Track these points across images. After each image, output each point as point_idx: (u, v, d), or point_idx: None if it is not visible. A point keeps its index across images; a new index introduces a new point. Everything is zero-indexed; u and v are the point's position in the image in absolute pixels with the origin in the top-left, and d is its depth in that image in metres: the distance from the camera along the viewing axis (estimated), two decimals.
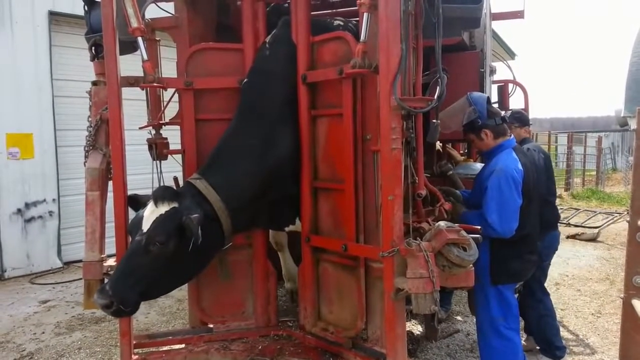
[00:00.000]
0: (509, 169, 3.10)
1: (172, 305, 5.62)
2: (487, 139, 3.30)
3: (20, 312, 5.55)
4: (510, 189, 3.07)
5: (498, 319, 3.22)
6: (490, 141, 3.30)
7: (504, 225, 3.06)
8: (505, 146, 3.26)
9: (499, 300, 3.22)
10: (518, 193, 3.08)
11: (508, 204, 3.06)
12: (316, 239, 3.42)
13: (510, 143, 3.30)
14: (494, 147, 3.29)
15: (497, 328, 3.22)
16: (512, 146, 3.28)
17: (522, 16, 5.50)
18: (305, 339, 3.50)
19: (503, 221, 3.05)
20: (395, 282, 2.69)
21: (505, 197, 3.07)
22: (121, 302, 2.76)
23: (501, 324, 3.21)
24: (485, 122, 3.28)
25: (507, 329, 3.21)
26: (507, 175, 3.08)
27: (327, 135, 3.35)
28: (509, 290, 3.26)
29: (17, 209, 6.99)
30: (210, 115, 3.57)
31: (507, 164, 3.14)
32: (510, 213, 3.07)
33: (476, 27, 3.68)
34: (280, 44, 3.46)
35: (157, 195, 2.92)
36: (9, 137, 6.88)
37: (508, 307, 3.23)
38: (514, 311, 3.27)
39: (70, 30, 7.40)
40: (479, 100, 3.32)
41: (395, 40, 2.66)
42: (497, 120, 3.29)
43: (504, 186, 3.07)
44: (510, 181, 3.07)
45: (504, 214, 3.06)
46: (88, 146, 3.46)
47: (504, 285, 3.23)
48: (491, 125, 3.27)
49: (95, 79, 3.51)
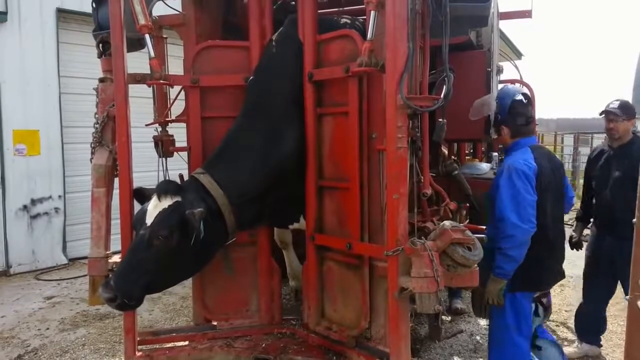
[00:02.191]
0: (519, 163, 3.03)
1: (176, 303, 5.64)
2: (504, 135, 3.27)
3: (25, 308, 5.58)
4: (523, 183, 2.97)
5: (511, 326, 3.13)
6: (507, 138, 3.25)
7: (525, 220, 2.92)
8: (521, 144, 3.19)
9: (514, 308, 3.13)
10: (532, 188, 2.98)
11: (524, 198, 2.95)
12: (321, 237, 3.41)
13: (527, 141, 3.22)
14: (511, 145, 3.25)
15: (509, 335, 3.14)
16: (529, 144, 3.19)
17: (530, 16, 5.47)
18: (309, 338, 3.50)
19: (523, 216, 2.93)
20: (399, 281, 2.68)
21: (519, 191, 2.97)
22: (125, 295, 2.78)
23: (514, 332, 3.13)
24: (504, 119, 3.24)
25: (519, 336, 3.13)
26: (518, 170, 3.01)
27: (332, 134, 3.35)
28: (526, 299, 3.16)
29: (23, 205, 7.02)
30: (217, 113, 3.58)
31: (517, 159, 3.08)
32: (528, 208, 2.95)
33: (484, 25, 3.67)
34: (287, 42, 3.46)
35: (160, 189, 2.94)
36: (15, 134, 6.91)
37: (523, 316, 3.14)
38: (529, 320, 3.17)
39: (78, 28, 7.43)
40: (505, 96, 3.28)
41: (402, 39, 2.65)
42: (519, 120, 3.21)
43: (516, 180, 2.99)
44: (521, 175, 2.99)
45: (522, 209, 2.94)
46: (94, 143, 3.47)
47: (522, 293, 3.12)
48: (511, 123, 3.22)
49: (102, 76, 3.52)
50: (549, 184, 3.09)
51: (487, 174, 4.41)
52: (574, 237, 4.28)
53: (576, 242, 4.29)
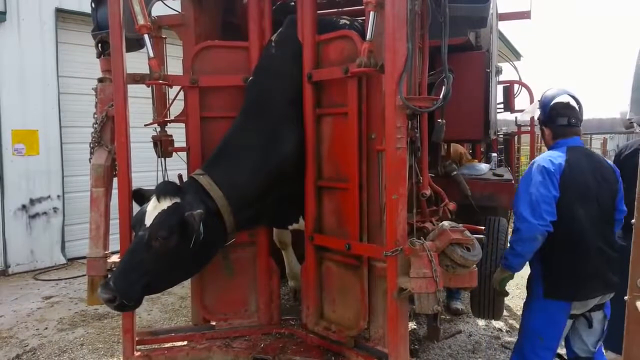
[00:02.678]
0: (542, 159, 2.96)
1: (174, 303, 5.64)
2: (546, 137, 3.20)
3: (23, 307, 5.58)
4: (542, 177, 2.87)
5: (536, 334, 2.99)
6: (549, 139, 3.17)
7: (536, 216, 2.81)
8: (560, 144, 3.08)
9: (543, 315, 2.97)
10: (552, 184, 2.86)
11: (539, 192, 2.85)
12: (320, 237, 3.42)
13: (567, 142, 3.07)
14: (551, 146, 3.15)
15: (533, 343, 3.00)
16: (568, 145, 3.05)
17: (529, 17, 5.50)
18: (308, 338, 3.50)
19: (535, 211, 2.82)
20: (398, 282, 2.68)
21: (535, 184, 2.87)
22: (124, 296, 2.78)
23: (537, 340, 2.98)
24: (544, 120, 3.17)
25: (542, 347, 2.97)
26: (539, 165, 2.93)
27: (331, 134, 3.35)
28: (560, 310, 2.93)
29: (21, 205, 7.02)
30: (216, 113, 3.58)
31: (543, 157, 3.00)
32: (542, 203, 2.83)
33: (483, 26, 3.68)
34: (286, 43, 3.46)
35: (159, 190, 2.94)
36: (14, 134, 6.91)
37: (552, 327, 2.95)
38: (558, 332, 2.95)
39: (77, 28, 7.43)
40: (548, 97, 3.18)
41: (401, 40, 2.65)
42: (559, 121, 3.09)
43: (535, 174, 2.91)
44: (542, 170, 2.90)
45: (535, 204, 2.83)
46: (93, 143, 3.46)
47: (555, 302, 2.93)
48: (550, 124, 3.14)
49: (101, 76, 3.52)
50: (581, 183, 2.92)
51: (486, 174, 4.42)
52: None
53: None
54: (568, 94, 3.16)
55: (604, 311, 3.02)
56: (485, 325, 4.91)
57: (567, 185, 2.89)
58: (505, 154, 6.73)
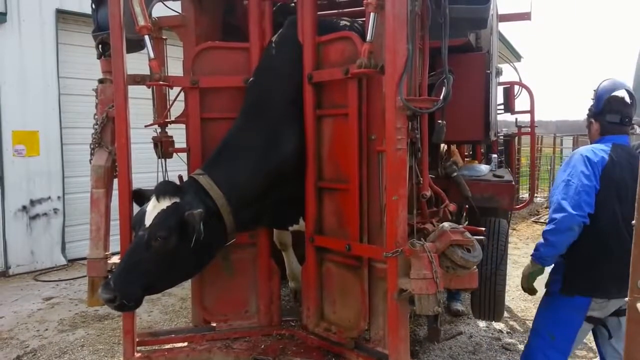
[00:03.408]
0: (586, 149, 2.86)
1: (175, 304, 5.63)
2: (592, 130, 3.04)
3: (24, 308, 5.58)
4: (585, 167, 2.77)
5: (547, 331, 2.92)
6: (595, 133, 3.02)
7: (574, 205, 2.70)
8: (605, 140, 2.95)
9: (559, 313, 2.89)
10: (594, 175, 2.76)
11: (580, 181, 2.74)
12: (320, 238, 3.41)
13: (613, 139, 2.93)
14: (596, 140, 3.01)
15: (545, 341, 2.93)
16: (613, 142, 2.92)
17: (529, 18, 5.50)
18: (308, 339, 3.50)
19: (573, 200, 2.71)
20: (398, 283, 2.68)
21: (576, 174, 2.77)
22: (124, 296, 2.79)
23: (547, 337, 2.91)
24: (596, 113, 2.99)
25: (552, 348, 2.90)
26: (582, 154, 2.83)
27: (332, 135, 3.35)
28: (576, 309, 2.85)
29: (22, 206, 7.02)
30: (216, 114, 3.58)
31: (586, 148, 2.90)
32: (581, 192, 2.72)
33: (483, 28, 3.68)
34: (287, 44, 3.46)
35: (159, 190, 2.94)
36: (15, 135, 6.91)
37: (565, 325, 2.87)
38: (571, 334, 2.86)
39: (77, 28, 7.44)
40: (602, 90, 2.99)
41: (401, 41, 2.65)
42: (610, 117, 2.94)
43: (577, 163, 2.82)
44: (585, 160, 2.80)
45: (575, 194, 2.73)
46: (94, 144, 3.47)
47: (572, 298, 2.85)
48: (600, 119, 2.97)
49: (101, 77, 3.52)
50: (620, 180, 2.81)
51: (487, 175, 4.41)
52: None
53: None
54: (625, 88, 2.99)
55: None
56: (486, 327, 4.90)
57: (607, 180, 2.78)
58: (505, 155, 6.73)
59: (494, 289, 3.87)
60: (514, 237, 9.17)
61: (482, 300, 4.04)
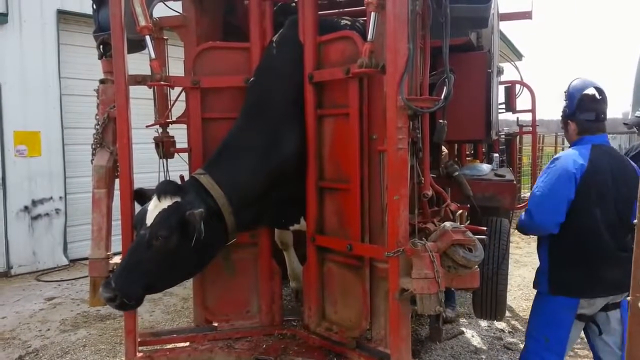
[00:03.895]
0: (566, 159, 2.89)
1: (176, 304, 5.64)
2: (570, 131, 3.06)
3: (26, 309, 5.59)
4: (558, 178, 2.84)
5: (541, 333, 2.96)
6: (573, 134, 3.04)
7: (543, 213, 2.84)
8: (585, 141, 2.98)
9: (550, 314, 2.93)
10: (568, 184, 2.81)
11: (552, 191, 2.83)
12: (321, 238, 3.41)
13: (593, 139, 2.97)
14: (575, 141, 3.05)
15: (538, 343, 2.97)
16: (593, 142, 2.95)
17: (530, 17, 5.49)
18: (310, 339, 3.50)
19: (542, 209, 2.84)
20: (400, 283, 2.68)
21: (550, 184, 2.86)
22: (125, 295, 2.80)
23: (541, 340, 2.94)
24: (571, 113, 3.02)
25: (546, 349, 2.92)
26: (561, 164, 2.88)
27: (333, 135, 3.35)
28: (566, 308, 2.89)
29: (24, 206, 7.04)
30: (217, 114, 3.58)
31: (567, 155, 2.94)
32: (553, 202, 2.82)
33: (484, 27, 3.67)
34: (287, 44, 3.46)
35: (160, 189, 2.95)
36: (16, 135, 6.93)
37: (557, 326, 2.90)
38: (563, 334, 2.89)
39: (79, 29, 7.45)
40: (575, 88, 3.03)
41: (402, 40, 2.65)
42: (586, 116, 2.97)
43: (552, 173, 2.89)
44: (561, 170, 2.85)
45: (544, 202, 2.85)
46: (95, 144, 3.47)
47: (561, 298, 2.89)
48: (576, 118, 3.00)
49: (102, 77, 3.53)
50: (600, 185, 2.87)
51: (488, 175, 4.41)
52: None
53: None
54: (594, 86, 3.03)
55: (621, 310, 2.93)
56: (488, 326, 4.90)
57: (587, 186, 2.83)
58: (507, 154, 6.73)
59: (496, 288, 3.86)
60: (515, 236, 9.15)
61: (483, 300, 4.04)
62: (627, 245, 2.91)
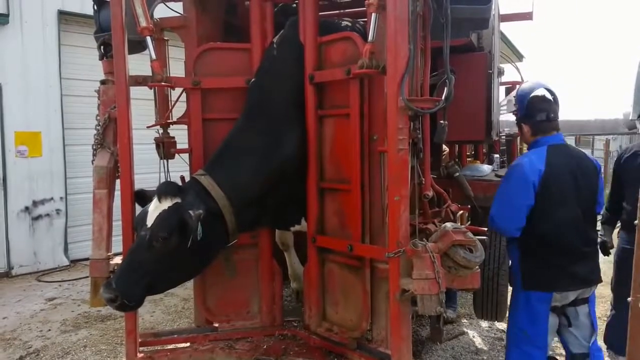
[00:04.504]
0: (524, 165, 2.95)
1: (177, 304, 5.64)
2: (525, 133, 3.14)
3: (26, 309, 5.59)
4: (517, 185, 2.92)
5: (522, 330, 3.00)
6: (528, 136, 3.11)
7: (504, 220, 2.94)
8: (540, 142, 3.03)
9: (526, 310, 2.98)
10: (526, 191, 2.89)
11: (511, 199, 2.94)
12: (322, 239, 3.42)
13: (548, 140, 3.03)
14: (531, 143, 3.11)
15: (519, 339, 3.02)
16: (548, 144, 3.01)
17: (531, 18, 5.48)
18: (310, 339, 3.50)
19: (503, 216, 2.96)
20: (400, 283, 2.68)
21: (509, 191, 2.97)
22: (125, 296, 2.81)
23: (523, 336, 2.99)
24: (523, 116, 3.11)
25: (529, 343, 2.97)
26: (519, 171, 2.95)
27: (333, 136, 3.35)
28: (542, 303, 2.95)
29: (24, 206, 7.03)
30: (218, 115, 3.59)
31: (525, 160, 3.01)
32: (513, 210, 2.92)
33: (485, 28, 3.67)
34: (288, 44, 3.47)
35: (160, 190, 2.96)
36: (17, 136, 6.93)
37: (536, 321, 2.96)
38: (542, 327, 2.96)
39: (79, 30, 7.45)
40: (524, 91, 3.14)
41: (403, 41, 2.65)
42: (538, 117, 3.03)
43: (511, 180, 2.99)
44: (519, 177, 2.93)
45: (504, 209, 2.96)
46: (96, 145, 3.47)
47: (535, 292, 2.95)
48: (529, 120, 3.07)
49: (103, 78, 3.53)
50: (560, 186, 2.93)
51: (489, 175, 4.41)
52: (607, 242, 3.92)
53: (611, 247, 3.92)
54: (544, 87, 3.11)
55: (589, 305, 3.03)
56: (489, 327, 4.90)
57: (547, 189, 2.90)
58: (507, 155, 6.71)
59: (496, 289, 3.86)
60: None
61: (484, 301, 4.04)
62: (591, 240, 3.04)
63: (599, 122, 34.97)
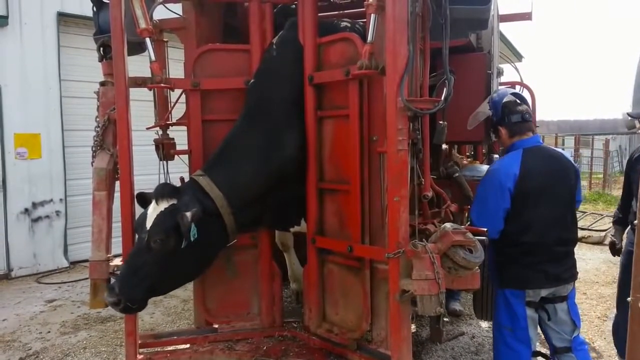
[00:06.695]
0: (499, 170, 3.11)
1: (177, 306, 5.64)
2: (502, 137, 3.26)
3: (26, 311, 5.58)
4: (493, 190, 3.06)
5: (505, 326, 3.11)
6: (506, 139, 3.23)
7: (482, 224, 2.99)
8: (517, 146, 3.15)
9: (506, 307, 3.11)
10: (502, 196, 3.01)
11: (487, 203, 3.07)
12: (321, 240, 3.41)
13: (523, 143, 3.14)
14: (508, 146, 3.23)
15: (503, 335, 3.13)
16: (524, 147, 3.12)
17: (530, 18, 5.48)
18: (310, 340, 3.50)
19: (481, 219, 3.05)
20: (400, 284, 2.68)
21: (486, 196, 3.09)
22: (128, 299, 2.83)
23: (508, 332, 3.10)
24: (499, 120, 3.25)
25: (513, 339, 3.08)
26: (494, 176, 3.10)
27: (333, 137, 3.35)
28: (517, 299, 3.06)
29: (24, 208, 7.03)
30: (217, 116, 3.58)
31: (501, 164, 3.16)
32: (490, 213, 3.04)
33: (484, 28, 3.67)
34: (287, 45, 3.47)
35: (157, 192, 2.96)
36: (16, 137, 6.92)
37: (515, 317, 3.07)
38: (521, 323, 3.06)
39: (79, 31, 7.45)
40: (497, 98, 3.33)
41: (402, 42, 2.66)
42: (512, 119, 3.17)
43: (487, 185, 3.12)
44: (495, 182, 3.06)
45: (482, 213, 3.08)
46: (95, 146, 3.48)
47: (510, 291, 3.08)
48: (505, 123, 3.20)
49: (103, 80, 3.53)
50: (535, 188, 3.02)
51: None
52: (616, 243, 3.97)
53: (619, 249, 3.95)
54: (512, 93, 3.36)
55: (568, 302, 3.11)
56: (488, 327, 4.89)
57: (522, 192, 3.00)
58: None
59: None
60: None
61: (484, 301, 4.05)
62: (565, 240, 3.12)
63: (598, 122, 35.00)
